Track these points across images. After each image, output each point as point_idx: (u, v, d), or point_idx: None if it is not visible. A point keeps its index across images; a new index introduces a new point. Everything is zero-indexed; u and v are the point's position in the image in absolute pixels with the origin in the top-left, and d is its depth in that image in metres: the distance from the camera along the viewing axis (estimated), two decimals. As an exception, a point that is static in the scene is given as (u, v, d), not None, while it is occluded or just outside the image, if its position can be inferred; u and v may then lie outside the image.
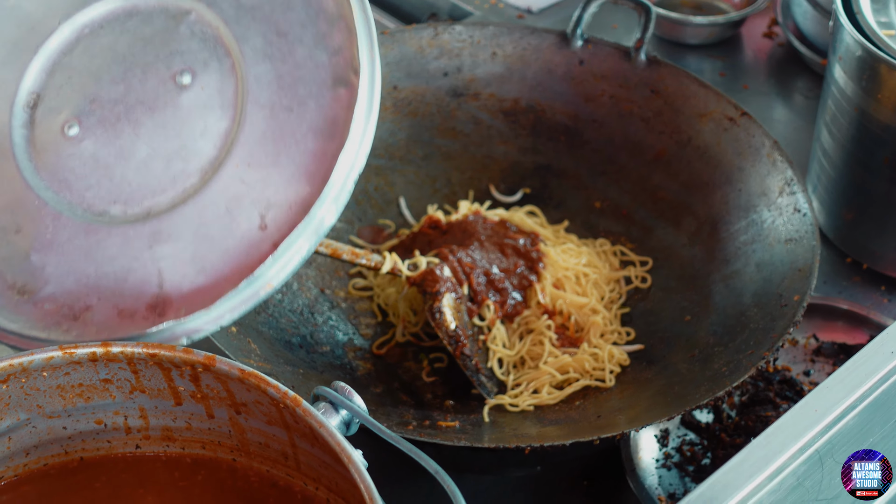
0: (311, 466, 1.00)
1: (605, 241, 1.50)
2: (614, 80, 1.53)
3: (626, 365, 1.37)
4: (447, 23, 1.56)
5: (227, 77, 1.02)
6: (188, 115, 1.02)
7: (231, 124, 1.01)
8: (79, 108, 1.04)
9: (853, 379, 0.87)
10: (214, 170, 1.01)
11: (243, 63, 1.02)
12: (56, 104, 1.05)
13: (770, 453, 0.83)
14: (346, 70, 1.00)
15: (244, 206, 1.00)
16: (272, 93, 1.01)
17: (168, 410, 1.03)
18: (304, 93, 1.00)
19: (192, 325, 1.00)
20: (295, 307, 1.39)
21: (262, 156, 1.00)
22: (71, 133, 1.04)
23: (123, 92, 1.04)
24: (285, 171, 0.99)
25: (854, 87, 1.40)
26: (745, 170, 1.42)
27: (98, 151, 1.03)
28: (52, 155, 1.04)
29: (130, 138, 1.03)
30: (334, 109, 0.99)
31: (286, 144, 1.00)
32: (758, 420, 1.28)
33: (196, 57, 1.02)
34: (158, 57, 1.03)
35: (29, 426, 1.02)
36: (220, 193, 1.00)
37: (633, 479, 1.24)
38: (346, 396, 0.94)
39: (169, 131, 1.02)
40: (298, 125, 1.00)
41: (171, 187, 1.01)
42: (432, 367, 1.38)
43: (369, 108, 1.00)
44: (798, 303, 1.24)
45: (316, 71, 1.00)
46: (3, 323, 1.01)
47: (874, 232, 1.50)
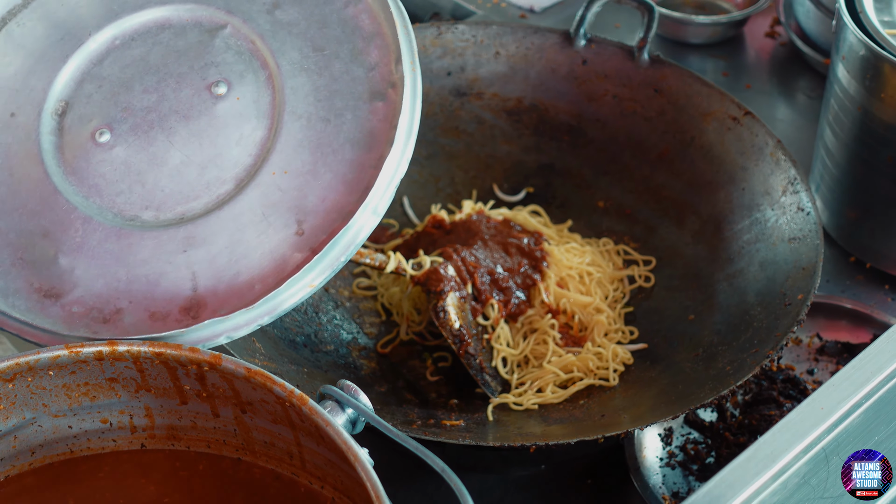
0: (316, 465, 1.00)
1: (609, 241, 1.50)
2: (617, 79, 1.53)
3: (630, 364, 1.37)
4: (450, 22, 1.56)
5: (264, 88, 1.03)
6: (224, 124, 1.03)
7: (267, 133, 1.02)
8: (110, 115, 1.05)
9: (859, 377, 0.87)
10: (250, 177, 1.02)
11: (279, 75, 1.03)
12: (86, 112, 1.06)
13: (776, 451, 0.83)
14: (383, 84, 1.02)
15: (281, 212, 1.01)
16: (309, 104, 1.02)
17: (173, 409, 1.03)
18: (340, 105, 1.02)
19: (232, 323, 1.00)
20: (299, 306, 1.39)
21: (299, 164, 1.01)
22: (102, 140, 1.04)
23: (156, 101, 1.04)
24: (322, 180, 1.01)
25: (857, 86, 1.40)
26: (749, 169, 1.42)
27: (130, 158, 1.04)
28: (82, 161, 1.05)
29: (164, 145, 1.03)
30: (372, 122, 1.01)
31: (323, 154, 1.01)
32: (761, 419, 1.28)
33: (232, 69, 1.04)
34: (193, 68, 1.04)
35: (35, 425, 1.02)
36: (256, 200, 1.01)
37: (636, 478, 1.24)
38: (352, 395, 0.94)
39: (204, 139, 1.03)
40: (335, 136, 1.01)
41: (205, 193, 1.02)
42: (436, 367, 1.38)
43: (410, 122, 1.01)
44: (802, 302, 1.24)
45: (353, 84, 1.02)
46: (35, 321, 1.02)
47: (878, 231, 1.50)
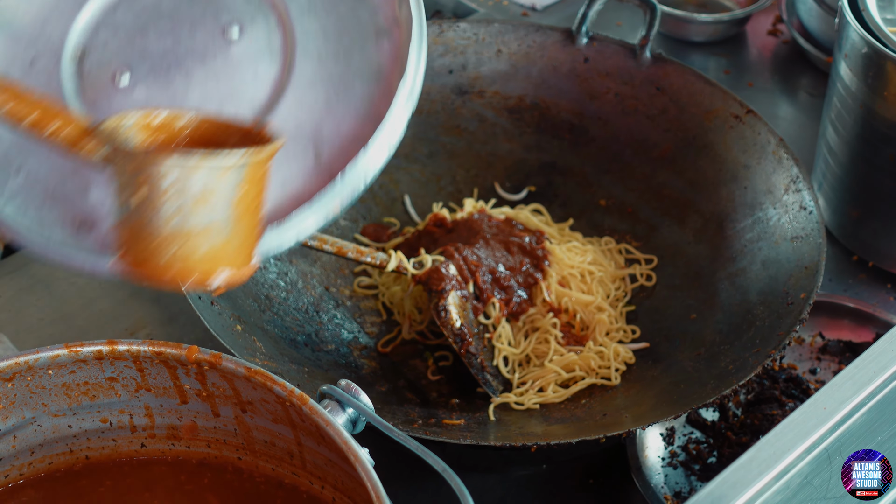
0: (316, 465, 1.00)
1: (611, 239, 1.50)
2: (619, 77, 1.52)
3: (632, 363, 1.36)
4: (452, 20, 1.56)
5: (275, 30, 1.06)
6: (238, 64, 1.06)
7: (281, 71, 1.06)
8: (128, 60, 1.07)
9: (862, 377, 0.87)
10: (266, 111, 1.05)
11: (289, 18, 1.07)
12: (104, 57, 1.08)
13: (778, 451, 0.83)
14: (387, 23, 1.05)
15: (299, 143, 1.03)
16: (319, 44, 1.06)
17: (174, 409, 1.03)
18: (348, 43, 1.06)
19: (265, 242, 1.00)
20: (300, 305, 1.39)
21: (313, 99, 1.05)
22: (122, 82, 1.07)
23: (172, 45, 1.07)
24: (336, 113, 1.04)
25: (860, 84, 1.39)
26: (751, 167, 1.41)
27: (150, 98, 1.06)
28: (103, 102, 1.07)
29: (182, 86, 1.06)
30: (379, 59, 1.05)
31: (335, 89, 1.05)
32: (764, 418, 1.28)
33: (243, 12, 1.07)
34: (206, 13, 1.08)
35: (34, 424, 1.01)
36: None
37: (638, 478, 1.23)
38: (352, 394, 0.93)
39: (221, 79, 1.06)
40: (346, 71, 1.05)
41: None
42: (437, 366, 1.38)
43: (417, 59, 1.04)
44: (804, 301, 1.24)
45: (358, 24, 1.06)
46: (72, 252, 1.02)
47: (880, 229, 1.50)
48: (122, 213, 0.95)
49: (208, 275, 0.96)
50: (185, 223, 0.95)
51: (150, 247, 0.94)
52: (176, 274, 0.95)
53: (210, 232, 0.96)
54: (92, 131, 0.97)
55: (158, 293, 1.47)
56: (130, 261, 0.95)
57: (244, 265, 0.99)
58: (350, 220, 1.51)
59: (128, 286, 1.48)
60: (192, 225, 0.95)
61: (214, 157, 0.94)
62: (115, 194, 0.96)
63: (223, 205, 0.97)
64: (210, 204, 0.96)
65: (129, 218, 0.94)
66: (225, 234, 0.97)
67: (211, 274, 0.96)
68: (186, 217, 0.95)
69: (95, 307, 1.46)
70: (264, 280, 1.38)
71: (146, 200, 0.94)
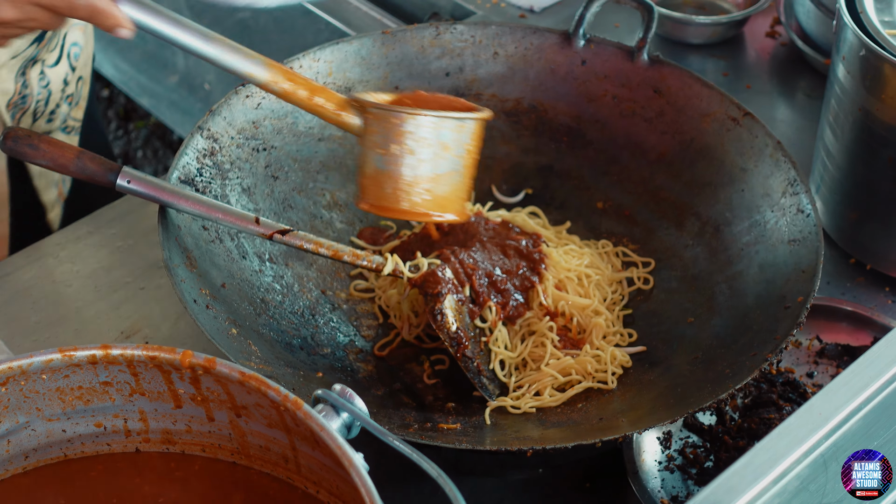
0: (311, 470, 1.00)
1: (608, 242, 1.50)
2: (617, 80, 1.52)
3: (629, 367, 1.36)
4: (449, 22, 1.55)
5: None
6: None
7: None
8: None
9: (858, 382, 0.87)
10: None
11: None
12: None
13: (773, 457, 0.82)
14: None
15: None
16: None
17: (168, 413, 1.02)
18: None
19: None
20: (296, 309, 1.39)
21: None
22: None
23: None
24: None
25: (857, 86, 1.39)
26: (749, 170, 1.41)
27: None
28: None
29: None
30: None
31: None
32: (761, 422, 1.27)
33: None
34: None
35: (28, 429, 1.01)
36: None
37: (635, 482, 1.23)
38: (346, 399, 0.93)
39: None
40: None
41: None
42: (434, 369, 1.37)
43: None
44: (801, 304, 1.24)
45: None
46: None
47: (878, 232, 1.50)
48: (375, 165, 1.20)
49: (445, 212, 1.23)
50: (435, 168, 1.21)
51: (402, 190, 1.21)
52: (423, 210, 1.23)
53: (452, 176, 1.21)
54: (349, 102, 1.23)
55: (154, 296, 1.47)
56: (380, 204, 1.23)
57: (463, 214, 1.27)
58: (347, 223, 1.51)
59: (122, 290, 1.48)
60: (440, 170, 1.21)
61: (454, 114, 1.20)
62: (368, 152, 1.21)
63: (459, 154, 1.22)
64: (451, 152, 1.21)
65: (383, 168, 1.20)
66: (459, 179, 1.23)
67: (446, 212, 1.24)
68: (437, 162, 1.20)
69: (91, 310, 1.46)
70: (260, 283, 1.37)
71: (400, 151, 1.19)
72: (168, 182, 1.32)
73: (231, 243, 1.37)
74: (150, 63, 3.00)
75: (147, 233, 1.55)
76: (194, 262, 1.30)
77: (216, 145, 1.40)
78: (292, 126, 1.48)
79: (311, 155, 1.50)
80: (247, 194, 1.42)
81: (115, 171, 1.30)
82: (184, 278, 1.26)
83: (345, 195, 1.52)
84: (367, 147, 1.22)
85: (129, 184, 1.30)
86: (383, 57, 1.52)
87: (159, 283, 1.48)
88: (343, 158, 1.52)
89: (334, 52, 1.50)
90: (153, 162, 3.30)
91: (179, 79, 2.92)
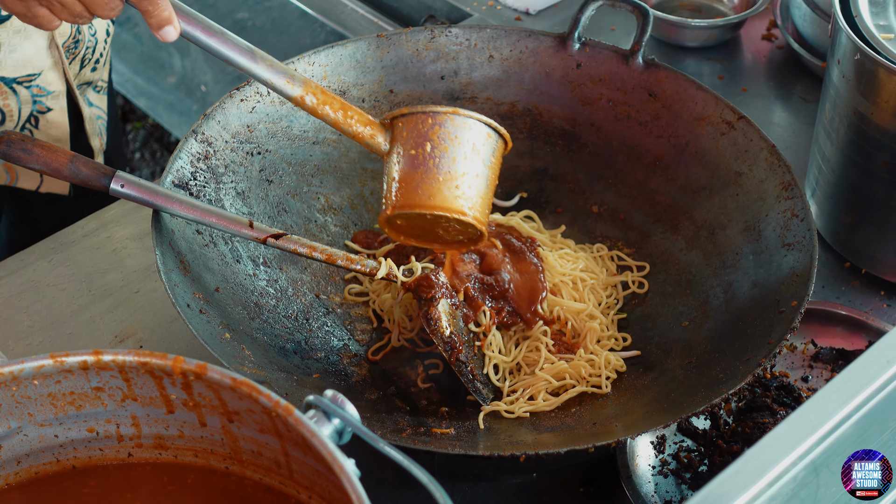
0: (303, 475, 1.00)
1: (603, 246, 1.50)
2: (612, 83, 1.52)
3: (623, 371, 1.36)
4: (444, 25, 1.55)
5: None
6: None
7: None
8: None
9: (849, 388, 0.86)
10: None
11: None
12: None
13: (765, 464, 0.82)
14: None
15: None
16: None
17: (160, 418, 1.02)
18: None
19: None
20: (290, 313, 1.39)
21: None
22: None
23: None
24: None
25: (852, 90, 1.39)
26: (744, 174, 1.41)
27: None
28: None
29: None
30: None
31: None
32: (755, 427, 1.27)
33: None
34: None
35: (20, 434, 1.01)
36: None
37: (629, 486, 1.23)
38: (338, 405, 0.93)
39: None
40: None
41: None
42: (428, 374, 1.37)
43: None
44: (795, 309, 1.23)
45: None
46: None
47: (873, 236, 1.50)
48: (406, 167, 1.23)
49: (472, 214, 1.23)
50: (465, 167, 1.23)
51: (434, 185, 1.22)
52: (452, 206, 1.22)
53: (479, 180, 1.24)
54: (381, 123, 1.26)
55: (148, 300, 1.47)
56: (411, 202, 1.22)
57: (484, 227, 1.26)
58: (341, 226, 1.51)
59: (116, 294, 1.48)
60: (469, 169, 1.23)
61: (485, 118, 1.25)
62: (397, 158, 1.24)
63: (486, 160, 1.25)
64: (480, 155, 1.24)
65: (415, 168, 1.22)
66: (485, 186, 1.25)
67: (473, 214, 1.24)
68: (466, 162, 1.23)
69: (84, 314, 1.46)
70: (254, 287, 1.37)
71: (432, 148, 1.22)
72: (162, 186, 1.32)
73: (225, 247, 1.37)
74: (148, 65, 3.00)
75: (141, 237, 1.55)
76: (188, 267, 1.30)
77: (210, 149, 1.40)
78: (287, 130, 1.48)
79: (305, 158, 1.50)
80: (241, 198, 1.42)
81: (109, 175, 1.30)
82: (177, 283, 1.25)
83: (339, 199, 1.51)
84: (395, 155, 1.24)
85: (123, 188, 1.30)
86: (378, 60, 1.52)
87: (153, 287, 1.48)
88: (337, 162, 1.52)
89: (329, 55, 1.50)
90: (150, 163, 3.30)
91: (176, 81, 2.92)
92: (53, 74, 1.54)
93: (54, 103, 1.56)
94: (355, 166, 1.53)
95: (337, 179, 1.52)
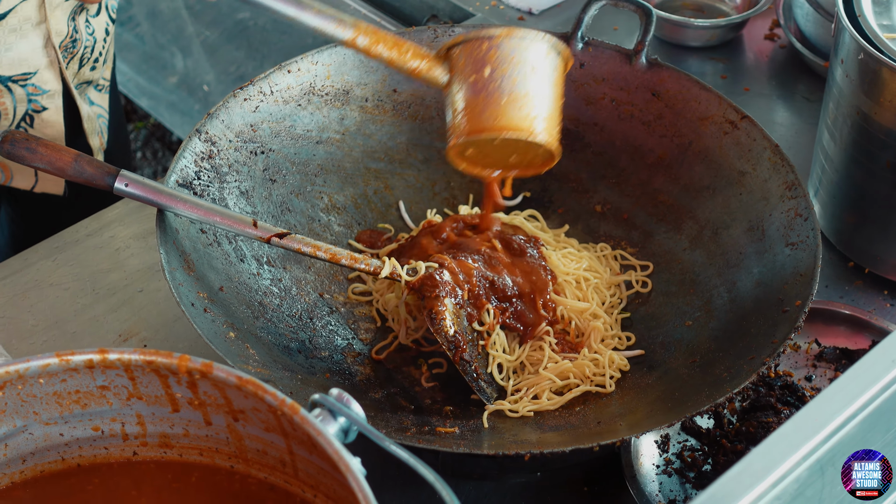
0: (309, 473, 1.00)
1: (606, 246, 1.50)
2: (615, 82, 1.52)
3: (627, 370, 1.36)
4: (446, 25, 1.55)
5: None
6: None
7: None
8: None
9: (854, 387, 0.86)
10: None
11: None
12: None
13: (770, 463, 0.82)
14: None
15: None
16: None
17: (165, 417, 1.02)
18: None
19: None
20: (294, 312, 1.39)
21: None
22: None
23: None
24: None
25: (856, 90, 1.39)
26: (747, 173, 1.41)
27: None
28: None
29: None
30: None
31: None
32: (759, 426, 1.27)
33: None
34: None
35: (25, 433, 1.01)
36: None
37: (633, 486, 1.23)
38: (343, 404, 0.93)
39: None
40: None
41: None
42: (431, 373, 1.37)
43: None
44: (799, 308, 1.23)
45: None
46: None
47: (877, 236, 1.50)
48: (469, 94, 1.23)
49: (540, 134, 1.22)
50: (527, 87, 1.22)
51: (499, 107, 1.22)
52: (520, 126, 1.22)
53: (543, 100, 1.23)
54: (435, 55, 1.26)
55: (152, 299, 1.47)
56: (478, 127, 1.22)
57: (556, 146, 1.25)
58: (344, 226, 1.51)
59: (119, 293, 1.48)
60: (531, 90, 1.22)
61: (536, 35, 1.24)
62: (458, 88, 1.24)
63: (546, 79, 1.24)
64: (540, 74, 1.23)
65: (478, 93, 1.22)
66: (549, 105, 1.24)
67: (542, 134, 1.23)
68: (527, 82, 1.22)
69: (88, 313, 1.46)
70: (258, 287, 1.37)
71: (491, 72, 1.22)
72: (166, 185, 1.32)
73: (229, 246, 1.37)
74: (150, 64, 3.00)
75: (144, 236, 1.55)
76: (192, 266, 1.30)
77: (214, 148, 1.40)
78: (290, 129, 1.48)
79: (309, 158, 1.50)
80: (245, 197, 1.42)
81: (113, 174, 1.30)
82: (181, 282, 1.25)
83: (342, 198, 1.51)
84: (455, 84, 1.25)
85: (127, 187, 1.30)
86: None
87: (157, 286, 1.48)
88: (341, 161, 1.52)
89: (332, 54, 1.50)
90: (152, 163, 3.30)
91: (178, 80, 2.92)
92: (49, 74, 1.54)
93: (50, 102, 1.56)
94: (359, 166, 1.53)
95: (340, 179, 1.52)
